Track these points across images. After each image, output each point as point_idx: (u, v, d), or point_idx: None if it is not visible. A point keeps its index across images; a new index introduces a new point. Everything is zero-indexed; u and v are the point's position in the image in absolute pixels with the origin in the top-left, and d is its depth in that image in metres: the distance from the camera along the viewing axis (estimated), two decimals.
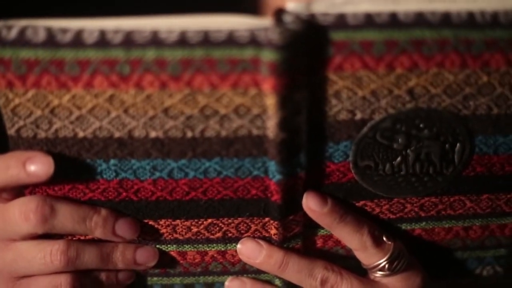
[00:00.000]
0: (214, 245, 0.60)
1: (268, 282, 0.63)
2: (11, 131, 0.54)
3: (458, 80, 0.53)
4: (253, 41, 0.50)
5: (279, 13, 0.51)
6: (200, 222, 0.59)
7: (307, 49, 0.51)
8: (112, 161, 0.55)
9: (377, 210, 0.60)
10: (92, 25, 0.51)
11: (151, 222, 0.59)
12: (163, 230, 0.59)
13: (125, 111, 0.53)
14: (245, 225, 0.59)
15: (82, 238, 0.59)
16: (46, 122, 0.54)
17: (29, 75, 0.52)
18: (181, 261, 0.62)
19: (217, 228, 0.59)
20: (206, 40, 0.50)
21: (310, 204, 0.57)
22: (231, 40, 0.50)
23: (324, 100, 0.53)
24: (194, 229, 0.59)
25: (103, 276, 0.60)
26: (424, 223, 0.61)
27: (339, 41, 0.51)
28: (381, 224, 0.60)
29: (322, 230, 0.61)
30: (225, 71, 0.51)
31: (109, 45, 0.51)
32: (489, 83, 0.54)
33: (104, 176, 0.56)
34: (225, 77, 0.51)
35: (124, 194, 0.57)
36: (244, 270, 0.62)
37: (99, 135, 0.54)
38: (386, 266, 0.59)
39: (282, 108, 0.52)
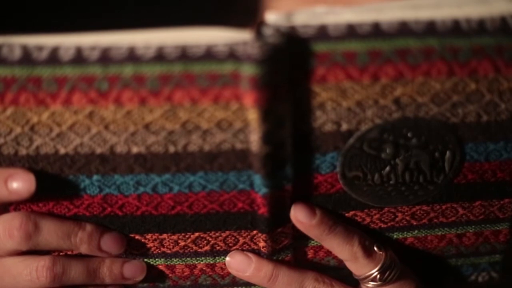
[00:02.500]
0: (203, 258, 0.60)
1: None
2: None
3: (446, 88, 0.52)
4: (232, 55, 0.49)
5: (259, 26, 0.50)
6: (187, 236, 0.58)
7: (289, 61, 0.50)
8: (95, 177, 0.54)
9: (368, 219, 0.59)
10: (68, 42, 0.50)
11: (137, 237, 0.58)
12: (150, 244, 0.58)
13: (106, 127, 0.52)
14: (233, 238, 0.58)
15: (69, 253, 0.58)
16: (26, 139, 0.53)
17: (6, 93, 0.51)
18: (170, 275, 0.61)
19: (205, 241, 0.58)
20: (184, 55, 0.49)
21: (299, 215, 0.56)
22: (209, 55, 0.49)
23: (308, 112, 0.52)
24: (182, 243, 0.58)
25: None
26: (416, 231, 0.60)
27: (321, 53, 0.50)
28: (372, 233, 0.59)
29: (312, 241, 0.59)
30: (205, 85, 0.50)
31: (86, 62, 0.50)
32: (477, 91, 0.52)
33: (88, 192, 0.55)
34: (205, 92, 0.50)
35: (109, 209, 0.56)
36: (234, 282, 0.61)
37: (81, 151, 0.53)
38: (378, 276, 0.58)
39: (265, 122, 0.51)
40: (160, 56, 0.49)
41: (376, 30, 0.50)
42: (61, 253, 0.58)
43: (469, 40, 0.50)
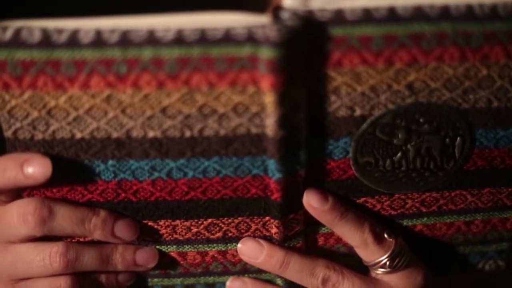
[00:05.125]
0: (215, 245, 0.60)
1: (270, 281, 0.63)
2: (7, 133, 0.54)
3: (458, 73, 0.53)
4: (251, 38, 0.50)
5: (277, 9, 0.50)
6: (200, 222, 0.58)
7: (305, 45, 0.50)
8: (110, 162, 0.55)
9: (378, 206, 0.59)
10: (87, 25, 0.50)
11: (150, 223, 0.58)
12: (163, 231, 0.59)
13: (123, 111, 0.52)
14: (245, 224, 0.59)
15: (82, 239, 0.58)
16: (43, 123, 0.53)
17: (25, 76, 0.51)
18: (182, 262, 0.61)
19: (217, 228, 0.59)
20: (203, 38, 0.50)
21: (311, 201, 0.57)
22: (228, 38, 0.50)
23: (323, 97, 0.53)
24: (194, 229, 0.59)
25: (103, 277, 0.59)
26: (425, 218, 0.61)
27: (337, 37, 0.51)
28: (382, 220, 0.60)
29: (323, 228, 0.60)
30: (223, 69, 0.51)
31: (105, 44, 0.50)
32: (488, 76, 0.53)
33: (103, 177, 0.56)
34: (223, 76, 0.51)
35: (123, 195, 0.56)
36: (245, 270, 0.62)
37: (97, 135, 0.54)
38: (387, 263, 0.59)
39: (280, 106, 0.51)
40: (179, 39, 0.50)
41: (392, 15, 0.50)
42: (73, 240, 0.58)
43: (482, 25, 0.51)
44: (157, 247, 0.60)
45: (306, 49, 0.50)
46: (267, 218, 0.58)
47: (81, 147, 0.54)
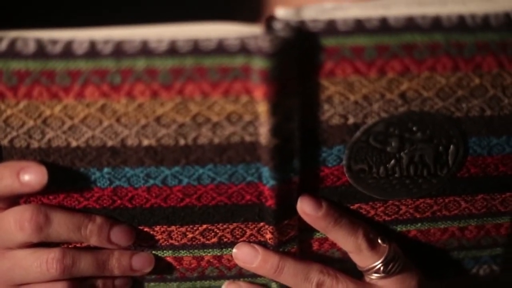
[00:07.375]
0: (210, 250, 0.60)
1: (265, 285, 0.63)
2: (4, 142, 0.54)
3: (450, 83, 0.53)
4: (244, 49, 0.50)
5: (269, 20, 0.51)
6: (195, 228, 0.59)
7: (298, 55, 0.51)
8: (105, 170, 0.55)
9: (372, 212, 0.60)
10: (82, 36, 0.51)
11: (146, 229, 0.59)
12: (159, 236, 0.59)
13: (117, 120, 0.53)
14: (240, 230, 0.59)
15: (78, 245, 0.59)
16: (38, 132, 0.54)
17: (20, 86, 0.52)
18: (178, 267, 0.62)
19: (212, 233, 0.59)
20: (196, 49, 0.50)
21: (305, 208, 0.57)
22: (221, 48, 0.50)
23: (316, 106, 0.53)
24: (190, 235, 0.59)
25: (99, 283, 0.60)
26: (419, 224, 0.61)
27: (329, 47, 0.51)
28: (376, 226, 0.60)
29: (317, 233, 0.61)
30: (216, 79, 0.51)
31: (99, 55, 0.51)
32: (481, 85, 0.53)
33: (98, 185, 0.56)
34: (216, 85, 0.51)
35: (119, 201, 0.57)
36: (241, 274, 0.62)
37: (92, 144, 0.54)
38: (381, 268, 0.59)
39: (274, 115, 0.52)
40: (172, 49, 0.50)
41: (384, 25, 0.51)
42: (70, 245, 0.59)
43: (474, 35, 0.51)
44: (153, 252, 0.60)
45: (298, 59, 0.51)
46: (261, 224, 0.59)
47: (76, 155, 0.55)
